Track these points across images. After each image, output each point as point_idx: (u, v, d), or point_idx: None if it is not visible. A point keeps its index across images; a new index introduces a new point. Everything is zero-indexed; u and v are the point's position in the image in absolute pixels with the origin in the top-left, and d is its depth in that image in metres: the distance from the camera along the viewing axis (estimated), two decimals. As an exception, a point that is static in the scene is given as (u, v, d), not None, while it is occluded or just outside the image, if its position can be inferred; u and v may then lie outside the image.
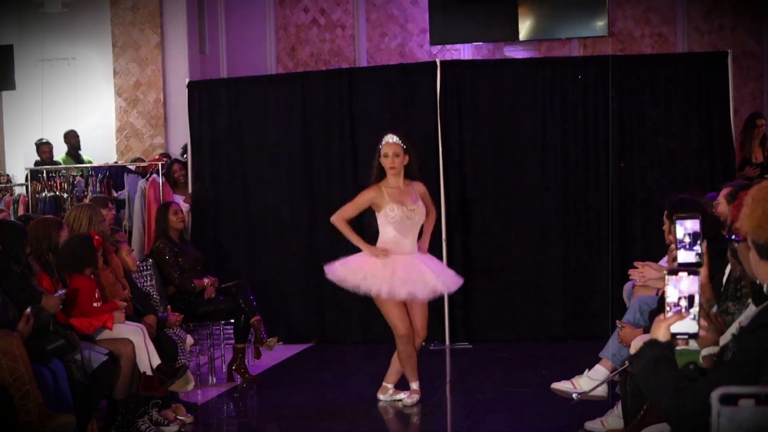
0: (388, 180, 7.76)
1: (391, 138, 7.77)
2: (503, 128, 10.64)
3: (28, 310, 6.08)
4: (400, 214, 7.71)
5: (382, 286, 7.57)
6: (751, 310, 3.58)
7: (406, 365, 7.83)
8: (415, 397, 7.83)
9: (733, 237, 3.56)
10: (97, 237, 7.22)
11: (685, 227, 3.24)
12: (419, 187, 7.86)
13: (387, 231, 7.76)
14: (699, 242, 3.21)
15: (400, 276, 7.62)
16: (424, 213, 7.82)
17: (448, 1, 16.98)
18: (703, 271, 3.20)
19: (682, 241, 3.24)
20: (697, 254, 3.21)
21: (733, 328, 3.64)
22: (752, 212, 2.84)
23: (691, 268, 3.09)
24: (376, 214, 7.80)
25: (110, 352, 6.69)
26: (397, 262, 7.66)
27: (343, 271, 7.76)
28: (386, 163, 7.72)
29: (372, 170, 7.89)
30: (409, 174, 7.82)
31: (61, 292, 6.57)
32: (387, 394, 7.93)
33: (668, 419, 3.01)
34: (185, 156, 12.04)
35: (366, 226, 8.48)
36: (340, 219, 7.88)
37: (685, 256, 3.21)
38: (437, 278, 7.74)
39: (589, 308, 10.41)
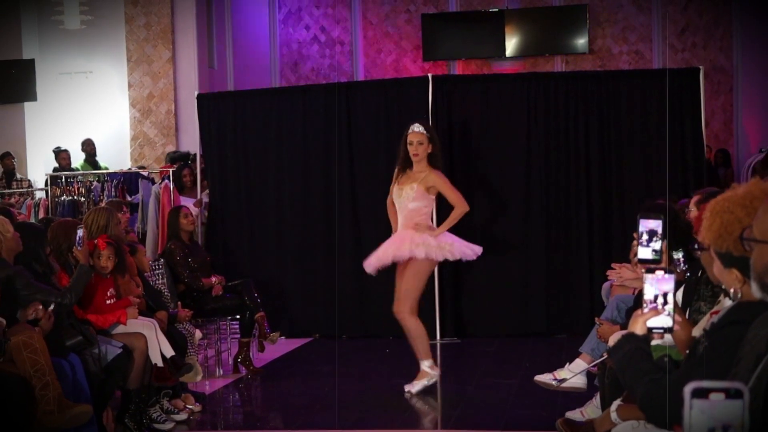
0: (412, 165, 7.90)
1: (416, 127, 7.90)
2: (490, 138, 10.62)
3: (51, 307, 6.08)
4: (394, 193, 7.94)
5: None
6: (726, 303, 3.58)
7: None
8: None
9: (696, 246, 3.56)
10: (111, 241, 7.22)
11: (645, 225, 3.23)
12: (431, 177, 7.84)
13: None
14: (656, 240, 3.19)
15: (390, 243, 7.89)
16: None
17: (440, 20, 17.02)
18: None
19: (640, 238, 3.22)
20: (654, 251, 3.19)
21: (706, 323, 3.64)
22: (711, 224, 2.84)
23: (668, 268, 3.09)
24: None
25: (124, 345, 6.70)
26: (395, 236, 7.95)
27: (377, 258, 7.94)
28: (410, 150, 7.84)
29: (398, 154, 8.01)
30: (433, 162, 7.91)
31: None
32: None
33: (643, 408, 3.02)
34: (191, 158, 12.05)
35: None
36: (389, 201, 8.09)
37: (642, 252, 3.20)
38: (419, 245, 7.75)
39: (570, 306, 10.40)
